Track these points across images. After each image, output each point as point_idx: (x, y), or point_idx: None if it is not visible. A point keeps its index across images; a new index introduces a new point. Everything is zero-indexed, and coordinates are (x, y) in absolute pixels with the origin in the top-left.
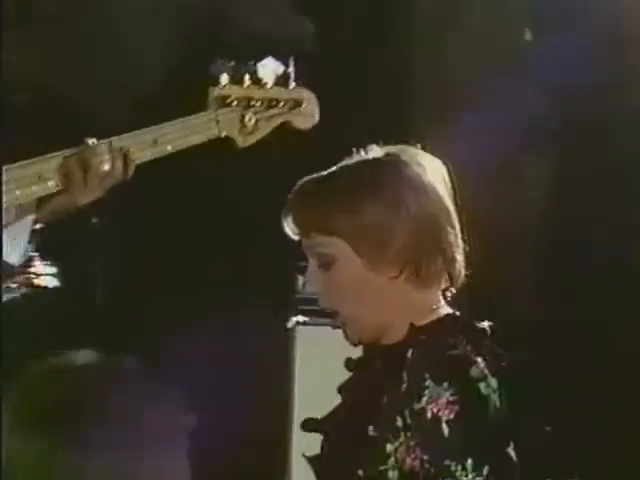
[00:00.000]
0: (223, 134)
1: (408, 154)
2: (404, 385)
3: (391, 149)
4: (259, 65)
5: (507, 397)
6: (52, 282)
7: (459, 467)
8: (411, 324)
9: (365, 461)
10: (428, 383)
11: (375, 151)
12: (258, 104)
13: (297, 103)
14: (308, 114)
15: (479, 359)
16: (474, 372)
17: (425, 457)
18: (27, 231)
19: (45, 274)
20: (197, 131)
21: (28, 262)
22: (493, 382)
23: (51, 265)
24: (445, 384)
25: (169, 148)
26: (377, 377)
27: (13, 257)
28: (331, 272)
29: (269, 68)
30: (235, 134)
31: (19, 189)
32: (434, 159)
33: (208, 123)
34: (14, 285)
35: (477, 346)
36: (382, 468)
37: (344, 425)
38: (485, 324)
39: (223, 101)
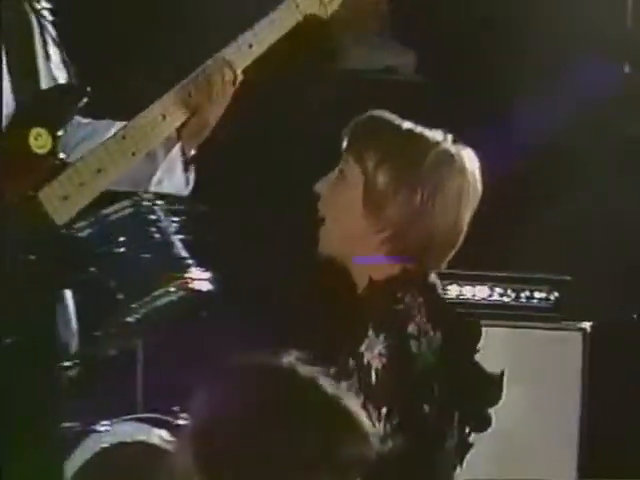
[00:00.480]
0: (307, 12)
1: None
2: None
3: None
4: None
5: (443, 352)
6: (206, 286)
7: (375, 413)
8: (370, 278)
9: None
10: (369, 333)
11: (440, 134)
12: None
13: None
14: None
15: (420, 316)
16: (411, 328)
17: (361, 398)
18: (179, 161)
19: (200, 279)
20: (282, 22)
21: (185, 268)
22: (428, 339)
23: (205, 271)
24: (381, 336)
25: (263, 47)
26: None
27: (174, 186)
28: (338, 186)
29: None
30: (316, 10)
31: (151, 131)
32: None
33: (290, 10)
34: (172, 289)
35: (424, 300)
36: None
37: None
38: (434, 278)
39: None
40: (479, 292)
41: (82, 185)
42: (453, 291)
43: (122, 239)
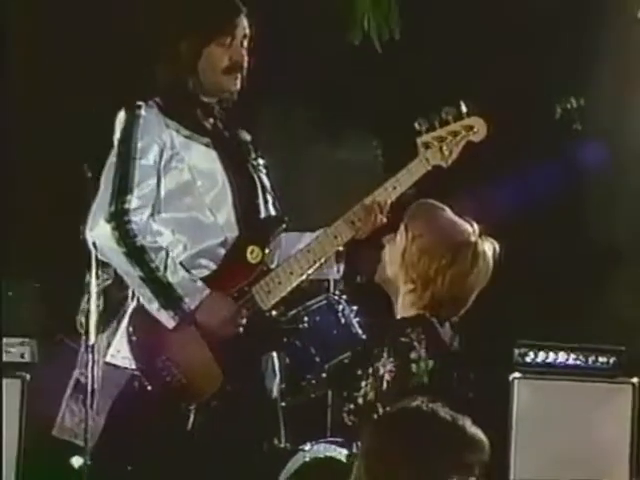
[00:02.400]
0: (434, 164)
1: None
2: (377, 350)
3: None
4: (442, 112)
5: (435, 376)
6: None
7: (381, 410)
8: (398, 316)
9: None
10: (385, 354)
11: (470, 226)
12: (449, 137)
13: (471, 127)
14: (480, 131)
15: (420, 347)
16: (413, 355)
17: (375, 398)
18: (333, 257)
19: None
20: (416, 171)
21: (361, 341)
22: (425, 364)
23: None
24: (391, 358)
25: (402, 189)
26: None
27: (333, 272)
28: (392, 243)
29: (450, 111)
30: (438, 161)
31: (328, 246)
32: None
33: (422, 163)
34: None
35: (425, 338)
36: (357, 396)
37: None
38: (436, 322)
39: (426, 145)
40: (560, 357)
41: (280, 283)
42: (541, 356)
43: (319, 321)
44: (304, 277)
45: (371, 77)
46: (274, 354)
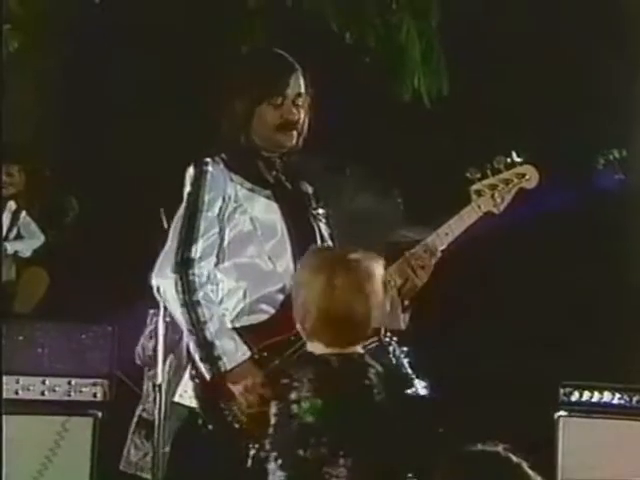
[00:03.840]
0: (485, 210)
1: None
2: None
3: None
4: (494, 162)
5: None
6: (425, 392)
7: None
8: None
9: None
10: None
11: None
12: (500, 185)
13: (523, 175)
14: (532, 179)
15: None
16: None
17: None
18: (399, 307)
19: (421, 387)
20: (468, 218)
21: (411, 381)
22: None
23: (424, 381)
24: (275, 402)
25: (454, 236)
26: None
27: (397, 323)
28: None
29: (502, 160)
30: (490, 208)
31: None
32: None
33: (473, 210)
34: None
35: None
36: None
37: None
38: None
39: (478, 193)
40: (605, 397)
41: None
42: (586, 395)
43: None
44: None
45: (419, 130)
46: None
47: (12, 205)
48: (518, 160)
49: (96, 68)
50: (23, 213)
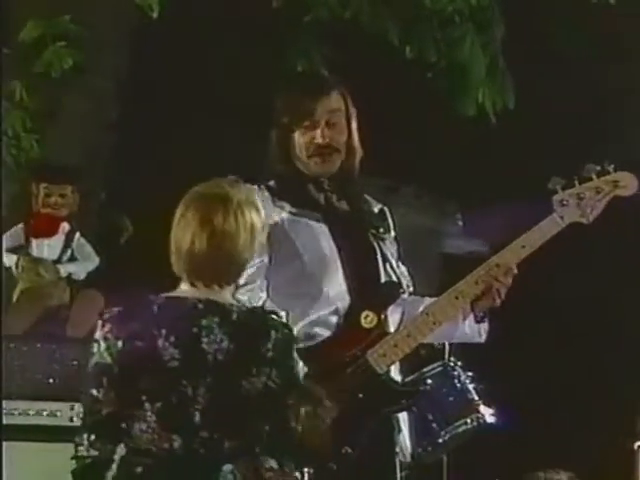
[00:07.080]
0: (570, 221)
1: None
2: None
3: None
4: (584, 170)
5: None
6: (491, 419)
7: None
8: None
9: None
10: None
11: None
12: (588, 194)
13: (617, 182)
14: (629, 186)
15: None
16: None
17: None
18: (471, 318)
19: (487, 414)
20: (549, 231)
21: (477, 407)
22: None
23: (491, 408)
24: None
25: (531, 249)
26: None
27: (469, 336)
28: None
29: (591, 168)
30: (577, 219)
31: (449, 309)
32: None
33: (556, 222)
34: (469, 421)
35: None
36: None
37: None
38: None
39: (561, 203)
40: None
41: (396, 346)
42: None
43: (435, 387)
44: (423, 340)
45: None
46: (399, 419)
47: (65, 226)
48: (609, 168)
49: (152, 88)
50: (77, 234)
